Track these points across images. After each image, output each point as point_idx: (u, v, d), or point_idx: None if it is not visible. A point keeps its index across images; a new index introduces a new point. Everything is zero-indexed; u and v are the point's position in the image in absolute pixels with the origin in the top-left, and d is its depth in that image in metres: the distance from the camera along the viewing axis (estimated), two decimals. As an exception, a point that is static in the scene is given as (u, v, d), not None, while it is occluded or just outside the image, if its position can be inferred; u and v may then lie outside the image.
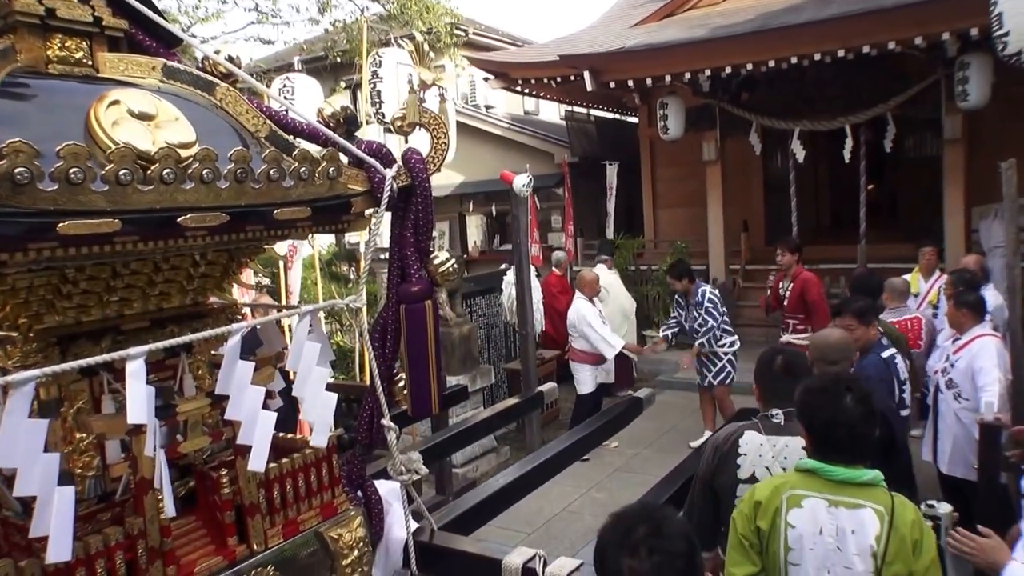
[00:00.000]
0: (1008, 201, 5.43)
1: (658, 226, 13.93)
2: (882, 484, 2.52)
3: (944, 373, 5.36)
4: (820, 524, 2.49)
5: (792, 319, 7.74)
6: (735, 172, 12.12)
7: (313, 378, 2.17)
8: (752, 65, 9.87)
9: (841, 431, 2.52)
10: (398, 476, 2.52)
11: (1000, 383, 5.05)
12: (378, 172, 2.32)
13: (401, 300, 2.46)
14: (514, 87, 12.95)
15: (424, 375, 2.52)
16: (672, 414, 9.06)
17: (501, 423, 5.30)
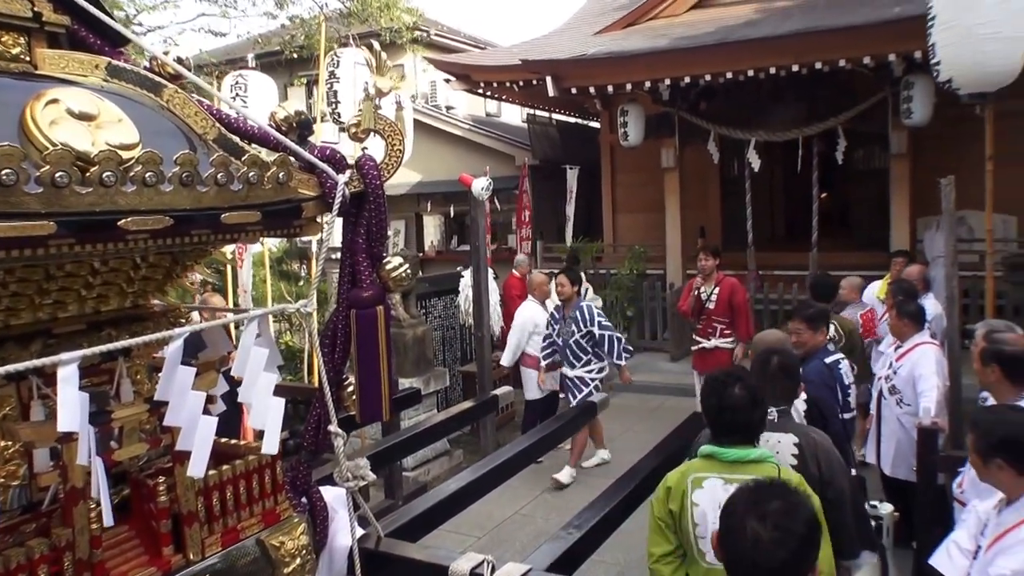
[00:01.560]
0: (947, 215, 5.53)
1: (617, 230, 13.97)
2: (771, 460, 2.88)
3: (887, 380, 5.46)
4: (719, 500, 2.67)
5: (719, 323, 7.80)
6: (693, 179, 12.19)
7: (260, 384, 2.11)
8: (711, 76, 9.96)
9: (728, 415, 2.89)
10: (344, 482, 2.47)
11: (938, 389, 5.16)
12: (330, 177, 2.27)
13: (352, 305, 2.41)
14: (476, 89, 12.91)
15: (374, 381, 2.48)
16: (627, 417, 9.08)
17: (454, 427, 5.26)
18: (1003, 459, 2.71)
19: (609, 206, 14.10)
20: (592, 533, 3.15)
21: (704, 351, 7.85)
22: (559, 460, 7.71)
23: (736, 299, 7.79)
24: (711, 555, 2.80)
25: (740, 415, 2.88)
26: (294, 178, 2.15)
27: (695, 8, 12.52)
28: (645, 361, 11.20)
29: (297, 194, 2.17)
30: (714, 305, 7.82)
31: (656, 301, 11.66)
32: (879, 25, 8.88)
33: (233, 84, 6.57)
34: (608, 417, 8.06)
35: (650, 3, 12.72)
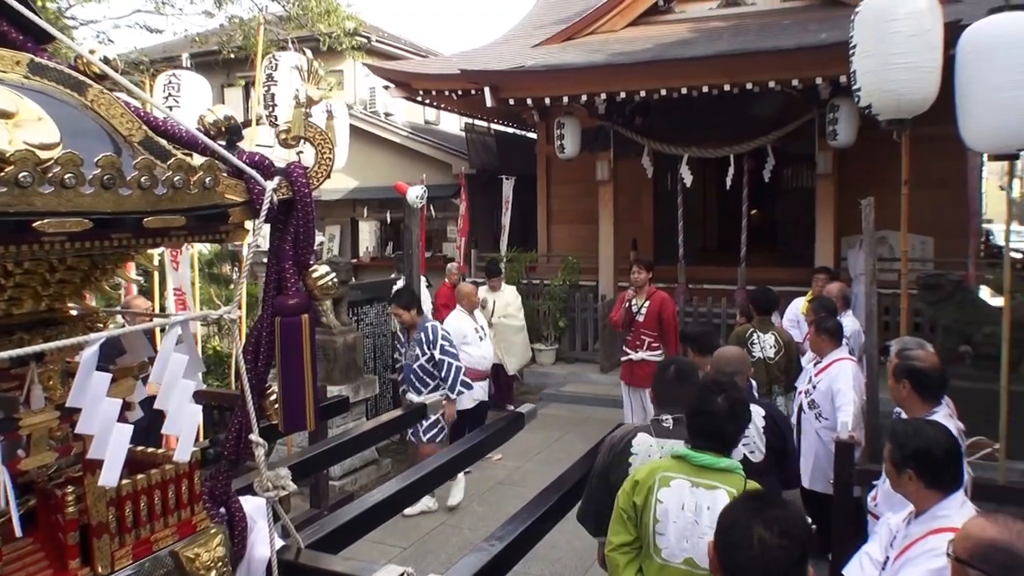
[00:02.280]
0: (867, 235, 5.70)
1: (551, 241, 14.05)
2: (738, 471, 2.95)
3: (807, 394, 5.58)
4: (683, 501, 2.91)
5: (647, 336, 7.89)
6: (627, 192, 12.32)
7: (178, 390, 2.07)
8: (645, 92, 10.09)
9: (702, 420, 2.99)
10: (264, 492, 2.43)
11: (855, 404, 5.31)
12: (258, 184, 2.24)
13: (277, 312, 2.38)
14: (415, 97, 12.87)
15: (297, 390, 2.44)
16: (556, 427, 9.14)
17: (383, 435, 5.23)
18: (914, 470, 2.80)
19: (544, 217, 14.19)
20: (516, 544, 3.16)
21: (632, 363, 7.93)
22: (488, 471, 7.72)
23: (665, 313, 7.88)
24: (667, 552, 2.93)
25: (714, 424, 2.98)
26: (221, 183, 2.12)
27: (632, 25, 12.69)
28: (576, 372, 11.29)
29: (224, 199, 2.13)
30: (643, 318, 7.90)
31: (588, 312, 11.75)
32: (806, 50, 9.15)
33: (166, 84, 6.42)
34: (536, 428, 8.11)
35: (588, 18, 12.85)
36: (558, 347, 11.89)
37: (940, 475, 2.79)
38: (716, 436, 2.99)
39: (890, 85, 5.45)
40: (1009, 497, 4.08)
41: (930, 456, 2.79)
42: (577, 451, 7.96)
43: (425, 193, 7.11)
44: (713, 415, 2.97)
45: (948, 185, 10.70)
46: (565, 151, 11.12)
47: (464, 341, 7.76)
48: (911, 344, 4.35)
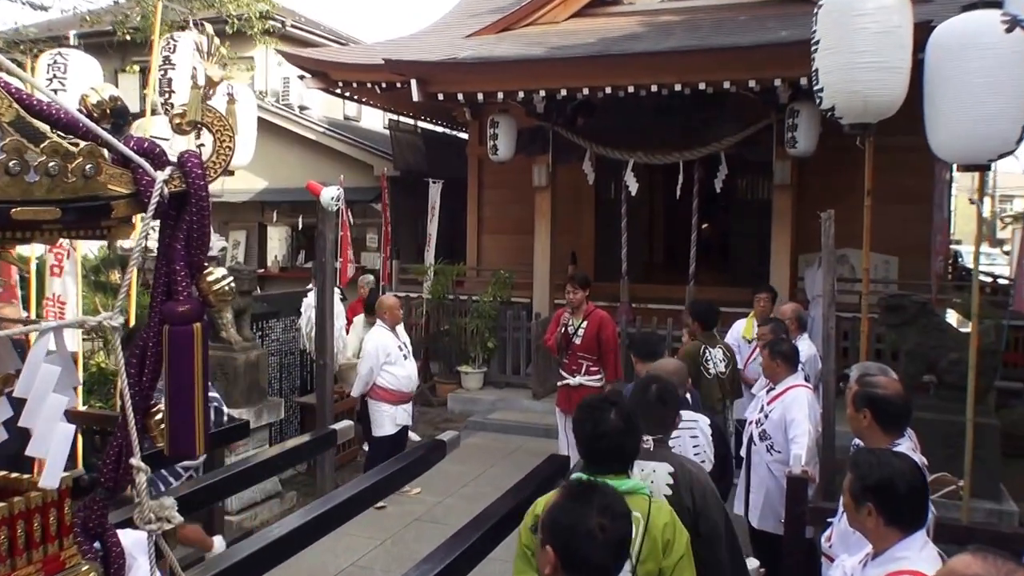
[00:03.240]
0: (826, 251, 5.83)
1: (482, 252, 14.10)
2: (643, 491, 3.04)
3: (758, 424, 5.66)
4: None
5: (585, 359, 7.96)
6: (566, 200, 12.43)
7: (47, 407, 2.02)
8: (588, 90, 10.20)
9: (602, 443, 3.03)
10: (146, 525, 2.37)
11: (810, 436, 5.39)
12: (147, 173, 2.20)
13: (165, 320, 2.33)
14: (333, 89, 12.80)
15: (187, 410, 2.39)
16: (482, 458, 9.13)
17: (287, 464, 5.17)
18: (874, 504, 2.84)
19: (474, 226, 14.24)
20: (433, 586, 3.14)
21: (569, 388, 7.97)
22: (405, 506, 7.68)
23: (604, 334, 7.93)
24: None
25: (613, 442, 3.02)
26: (104, 171, 2.08)
27: (576, 16, 12.85)
28: (505, 398, 11.32)
29: (107, 190, 2.09)
30: (581, 340, 7.95)
31: (520, 332, 11.80)
32: (765, 47, 9.36)
33: (50, 64, 6.26)
34: (461, 458, 8.11)
35: (528, 8, 12.97)
36: (486, 370, 11.92)
37: (902, 511, 2.84)
38: (615, 456, 3.05)
39: (855, 85, 5.58)
40: (974, 538, 4.17)
41: (893, 489, 2.83)
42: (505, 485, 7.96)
43: (341, 195, 7.03)
44: (610, 436, 3.02)
45: (915, 200, 11.02)
46: (499, 153, 11.18)
47: (387, 360, 7.74)
48: (873, 370, 4.46)
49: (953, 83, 5.13)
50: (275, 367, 9.14)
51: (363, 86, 12.29)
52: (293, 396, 9.36)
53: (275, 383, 9.12)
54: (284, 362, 9.39)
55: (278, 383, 9.23)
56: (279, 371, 9.28)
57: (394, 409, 7.84)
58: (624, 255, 11.76)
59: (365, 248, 15.83)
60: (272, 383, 8.96)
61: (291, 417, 9.24)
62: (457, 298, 12.49)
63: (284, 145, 15.46)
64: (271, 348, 9.04)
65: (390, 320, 7.92)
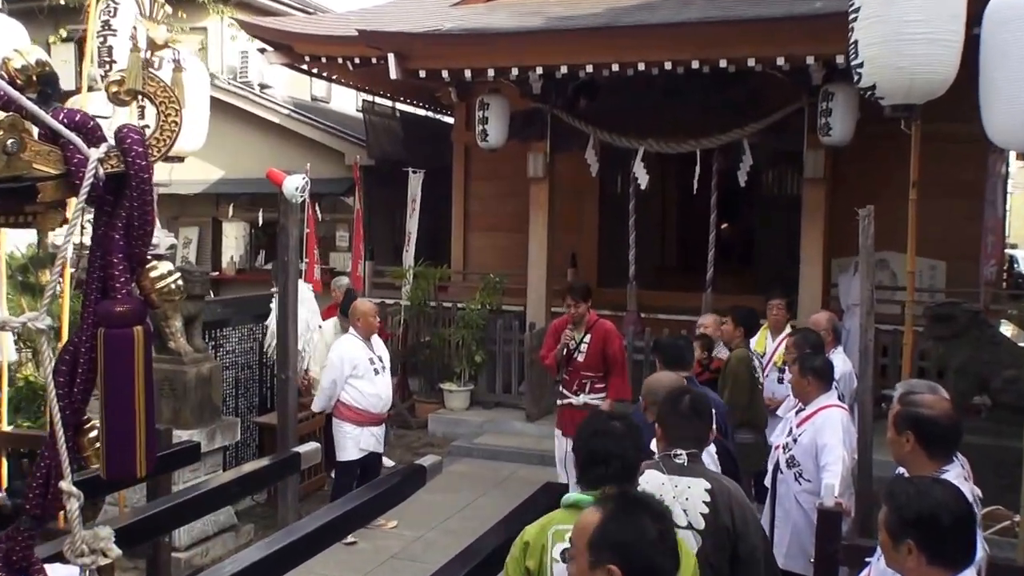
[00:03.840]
0: (864, 253, 5.82)
1: (469, 253, 14.11)
2: None
3: (785, 449, 5.64)
4: None
5: (590, 376, 8.01)
6: (566, 194, 12.43)
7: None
8: (593, 67, 10.18)
9: (599, 459, 3.21)
10: (78, 558, 2.35)
11: (844, 463, 5.37)
12: (79, 151, 2.18)
13: (100, 322, 2.31)
14: (298, 65, 12.79)
15: (126, 425, 2.37)
16: (468, 488, 9.11)
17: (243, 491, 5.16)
18: (915, 541, 2.79)
19: (460, 222, 14.25)
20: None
21: (573, 409, 7.97)
22: (379, 541, 7.65)
23: (611, 348, 7.97)
24: None
25: (618, 463, 3.19)
26: (29, 149, 2.06)
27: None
28: (495, 419, 11.33)
29: (32, 170, 2.08)
30: (584, 356, 7.95)
31: (512, 345, 11.80)
32: (797, 20, 9.30)
33: (-31, 31, 6.24)
34: (443, 487, 8.10)
35: (524, -28, 12.97)
36: (473, 388, 11.93)
37: (946, 548, 2.80)
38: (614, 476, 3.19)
39: (901, 60, 5.56)
40: (1031, 582, 4.17)
41: (936, 523, 2.79)
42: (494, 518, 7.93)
43: (307, 184, 7.03)
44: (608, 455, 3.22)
45: (965, 197, 11.05)
46: (489, 139, 11.17)
47: (354, 373, 7.73)
48: (921, 387, 4.43)
49: (1013, 60, 5.11)
50: (230, 382, 9.11)
51: (333, 61, 12.26)
52: (251, 415, 9.33)
53: (230, 400, 9.09)
54: (241, 377, 9.35)
55: (234, 401, 9.19)
56: (235, 387, 9.24)
57: (358, 431, 7.82)
58: (632, 257, 11.74)
59: (335, 247, 15.80)
60: (227, 400, 8.93)
61: (248, 439, 9.21)
62: (440, 305, 12.47)
63: (242, 129, 15.44)
64: (226, 360, 9.01)
65: (363, 329, 7.90)
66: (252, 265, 16.60)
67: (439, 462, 5.24)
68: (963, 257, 11.31)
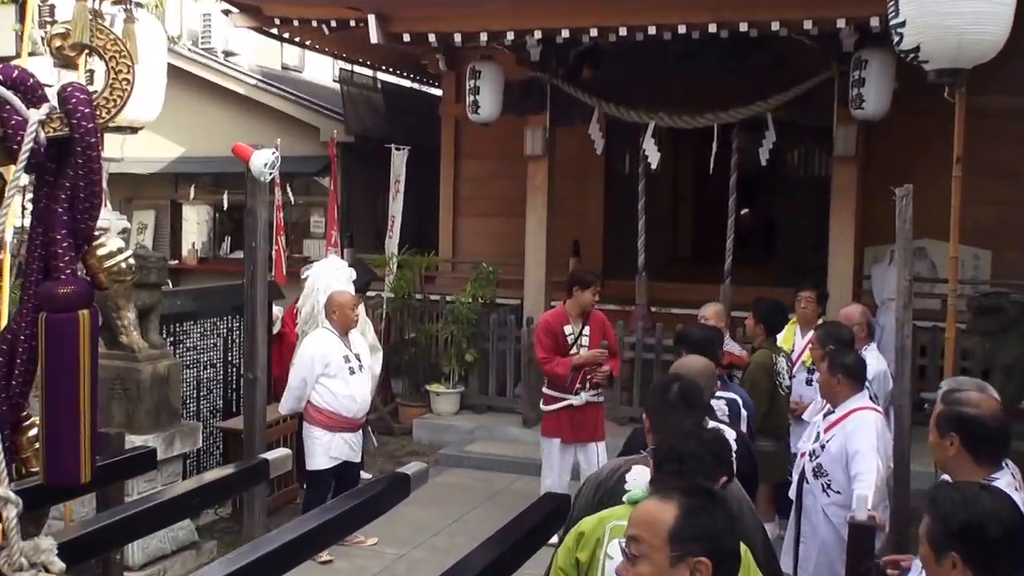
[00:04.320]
0: (901, 238, 5.79)
1: (459, 240, 14.11)
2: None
3: (812, 457, 5.62)
4: None
5: (591, 372, 8.07)
6: (568, 175, 12.43)
7: None
8: (597, 31, 10.15)
9: (680, 463, 3.30)
10: (15, 573, 2.33)
11: (878, 471, 5.34)
12: (16, 113, 2.17)
13: (42, 306, 2.30)
14: (267, 28, 12.72)
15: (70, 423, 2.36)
16: (458, 501, 9.10)
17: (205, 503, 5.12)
18: (959, 554, 2.78)
19: (449, 206, 14.22)
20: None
21: (572, 410, 7.98)
22: (357, 559, 7.65)
23: (609, 336, 8.29)
24: None
25: (694, 465, 3.31)
26: (-41, 109, 2.05)
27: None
28: (488, 425, 11.32)
29: (-39, 134, 2.07)
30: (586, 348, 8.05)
31: (508, 342, 11.80)
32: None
33: None
34: (430, 500, 8.11)
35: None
36: (463, 390, 11.92)
37: (995, 562, 2.79)
38: (689, 477, 3.23)
39: (948, 19, 5.52)
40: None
41: (983, 535, 2.78)
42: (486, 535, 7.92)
43: (277, 160, 6.98)
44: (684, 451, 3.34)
45: (1013, 179, 11.03)
46: (481, 112, 11.14)
47: (326, 372, 7.72)
48: (966, 384, 4.42)
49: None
50: (191, 382, 9.09)
51: (307, 24, 12.20)
52: (214, 420, 9.32)
53: (191, 403, 9.07)
54: (204, 377, 9.33)
55: (195, 403, 9.18)
56: (196, 388, 9.22)
57: (329, 437, 7.77)
58: (641, 245, 11.70)
59: (309, 234, 15.80)
60: (187, 403, 8.91)
61: (211, 447, 9.21)
62: (427, 298, 12.44)
63: (204, 101, 15.40)
64: (186, 358, 8.99)
65: (339, 322, 7.86)
66: (216, 253, 16.58)
67: (425, 470, 5.19)
68: (1011, 246, 11.30)
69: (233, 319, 9.46)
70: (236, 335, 9.44)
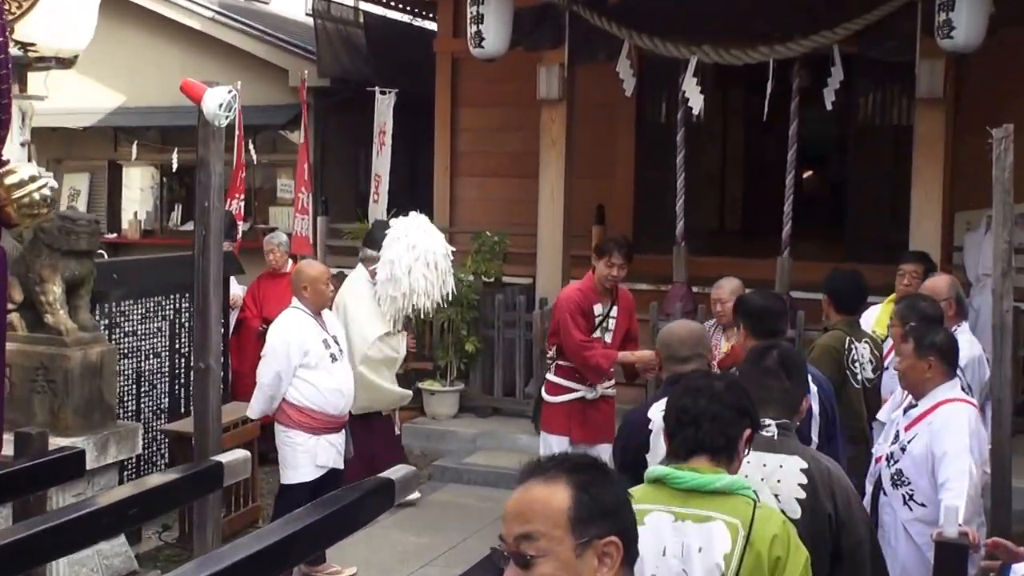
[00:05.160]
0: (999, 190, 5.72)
1: (457, 206, 14.09)
2: (743, 492, 3.35)
3: (890, 462, 5.55)
4: (664, 543, 3.29)
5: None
6: (590, 124, 12.43)
7: None
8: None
9: (693, 428, 3.41)
10: None
11: (971, 478, 5.25)
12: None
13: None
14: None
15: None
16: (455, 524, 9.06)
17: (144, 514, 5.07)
18: None
19: (445, 164, 14.20)
20: None
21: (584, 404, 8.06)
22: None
23: (634, 320, 8.38)
24: None
25: (711, 425, 3.39)
26: None
27: None
28: (493, 431, 11.31)
29: None
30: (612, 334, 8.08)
31: (517, 329, 11.81)
32: None
33: None
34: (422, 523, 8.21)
35: None
36: (463, 388, 11.93)
37: None
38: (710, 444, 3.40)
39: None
40: None
41: None
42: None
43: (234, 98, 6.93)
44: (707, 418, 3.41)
45: None
46: (485, 45, 11.09)
47: (305, 362, 7.67)
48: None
49: None
50: (129, 375, 9.05)
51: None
52: (158, 422, 9.28)
53: (129, 400, 9.02)
54: (145, 368, 9.29)
55: (134, 401, 9.13)
56: (136, 381, 9.17)
57: (314, 441, 7.70)
58: (680, 210, 11.63)
59: (275, 201, 15.79)
60: (125, 400, 8.86)
61: (154, 454, 9.18)
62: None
63: (149, 39, 15.39)
64: (124, 345, 8.95)
65: (312, 299, 7.76)
66: (164, 225, 16.62)
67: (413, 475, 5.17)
68: None
69: (182, 298, 9.43)
70: (185, 318, 9.40)
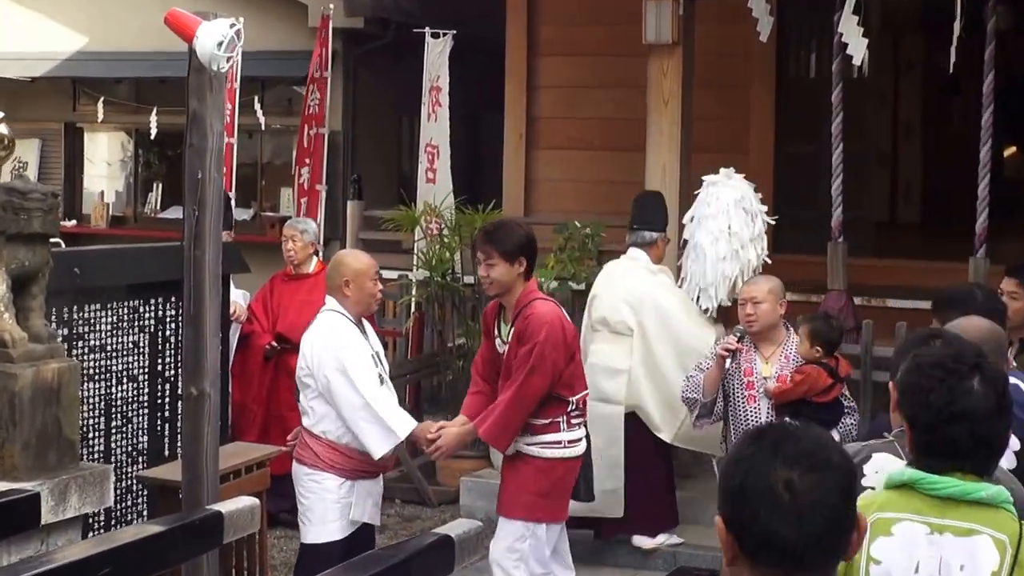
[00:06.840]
0: None
1: (534, 188, 14.17)
2: (1007, 506, 3.54)
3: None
4: (917, 558, 3.55)
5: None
6: (714, 80, 12.48)
7: None
8: None
9: (959, 427, 3.58)
10: None
11: None
12: None
13: None
14: None
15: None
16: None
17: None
18: None
19: (519, 132, 14.31)
20: None
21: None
22: None
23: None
24: None
25: (979, 427, 3.57)
26: None
27: None
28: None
29: None
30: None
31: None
32: None
33: None
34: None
35: None
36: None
37: None
38: (973, 451, 3.58)
39: None
40: None
41: None
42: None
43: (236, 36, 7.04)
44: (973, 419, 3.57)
45: None
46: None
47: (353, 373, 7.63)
48: None
49: None
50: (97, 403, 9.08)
51: None
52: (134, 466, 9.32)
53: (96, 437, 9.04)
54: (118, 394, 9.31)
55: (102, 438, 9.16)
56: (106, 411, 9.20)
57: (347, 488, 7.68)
58: (837, 195, 11.64)
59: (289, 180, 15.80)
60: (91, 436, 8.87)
61: (128, 509, 9.20)
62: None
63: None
64: (90, 364, 8.99)
65: (355, 300, 7.70)
66: (139, 211, 16.71)
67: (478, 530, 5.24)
68: None
69: (167, 302, 9.49)
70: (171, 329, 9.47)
